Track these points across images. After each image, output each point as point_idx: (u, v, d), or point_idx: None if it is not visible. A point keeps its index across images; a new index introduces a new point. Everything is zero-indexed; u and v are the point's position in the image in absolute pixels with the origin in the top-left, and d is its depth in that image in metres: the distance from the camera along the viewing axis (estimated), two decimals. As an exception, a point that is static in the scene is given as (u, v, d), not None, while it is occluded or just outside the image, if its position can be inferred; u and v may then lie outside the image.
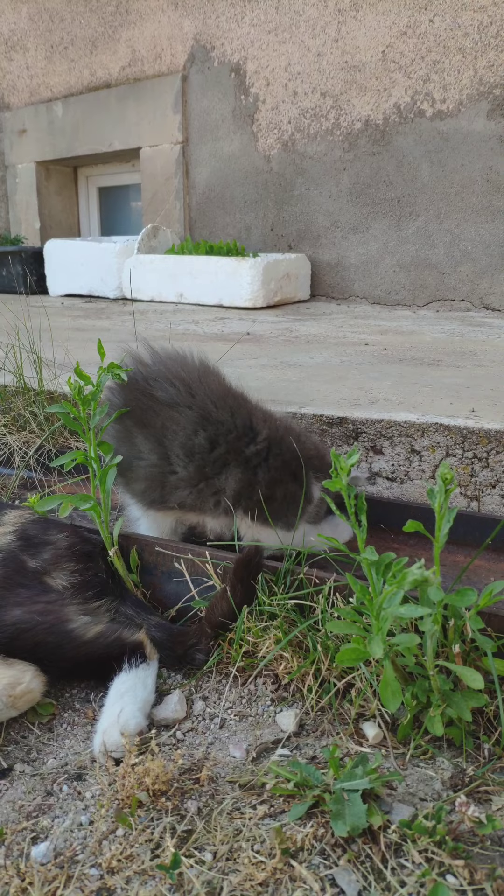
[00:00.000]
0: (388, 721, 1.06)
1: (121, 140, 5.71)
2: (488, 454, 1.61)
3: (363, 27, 4.30)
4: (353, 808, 0.86)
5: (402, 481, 1.71)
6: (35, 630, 1.12)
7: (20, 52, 6.33)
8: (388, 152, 4.37)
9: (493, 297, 4.18)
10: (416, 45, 4.13)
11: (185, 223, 5.45)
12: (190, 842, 0.86)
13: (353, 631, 0.99)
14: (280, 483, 1.35)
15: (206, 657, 1.20)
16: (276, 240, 5.01)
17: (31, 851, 0.85)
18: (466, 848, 0.83)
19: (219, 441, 1.34)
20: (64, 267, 5.20)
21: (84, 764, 1.01)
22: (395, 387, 2.09)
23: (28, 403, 2.03)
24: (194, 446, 1.33)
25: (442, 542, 1.00)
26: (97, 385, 1.35)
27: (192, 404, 1.35)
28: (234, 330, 3.48)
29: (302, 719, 1.09)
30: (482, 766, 0.98)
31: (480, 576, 1.46)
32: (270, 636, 1.18)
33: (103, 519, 1.31)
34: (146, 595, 1.37)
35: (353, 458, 1.06)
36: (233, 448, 1.34)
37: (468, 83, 4.00)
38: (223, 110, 5.06)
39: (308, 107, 4.64)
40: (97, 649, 1.14)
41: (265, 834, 0.86)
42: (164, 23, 5.28)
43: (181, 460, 1.34)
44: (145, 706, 1.08)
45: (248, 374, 2.35)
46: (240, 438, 1.35)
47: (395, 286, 4.54)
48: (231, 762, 1.01)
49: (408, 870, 0.81)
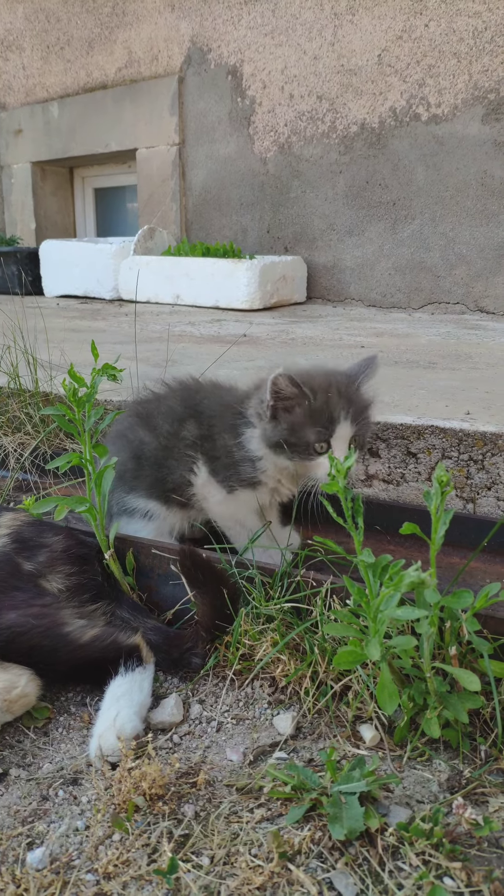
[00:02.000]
0: (385, 723, 1.06)
1: (117, 141, 5.71)
2: (483, 456, 1.62)
3: (359, 31, 4.31)
4: (350, 811, 0.85)
5: (398, 483, 1.71)
6: (30, 634, 1.11)
7: (16, 52, 6.32)
8: (383, 155, 4.38)
9: (487, 299, 4.19)
10: (412, 49, 4.14)
11: (181, 225, 5.45)
12: (187, 846, 0.85)
13: (350, 633, 0.99)
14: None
15: (203, 661, 1.20)
16: (272, 242, 5.02)
17: (26, 857, 0.85)
18: (464, 850, 0.83)
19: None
20: (60, 268, 5.20)
21: (80, 768, 1.01)
22: (391, 389, 2.09)
23: (23, 405, 2.02)
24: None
25: (438, 544, 1.00)
26: (92, 386, 1.34)
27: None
28: (230, 332, 3.48)
29: (299, 722, 1.09)
30: (479, 768, 0.98)
31: (476, 577, 1.46)
32: (267, 639, 1.18)
33: (99, 522, 1.31)
34: (142, 598, 1.36)
35: (350, 461, 1.06)
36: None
37: (463, 87, 4.02)
38: (220, 112, 5.07)
39: (304, 109, 4.65)
40: (93, 653, 1.14)
41: (262, 838, 0.86)
42: (160, 24, 5.29)
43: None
44: (142, 710, 1.08)
45: (246, 376, 2.35)
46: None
47: (390, 289, 4.54)
48: (228, 766, 1.00)
49: (405, 872, 0.81)
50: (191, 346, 2.97)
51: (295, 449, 1.33)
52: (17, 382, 2.08)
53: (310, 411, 1.31)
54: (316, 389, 1.31)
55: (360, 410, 1.34)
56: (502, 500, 1.62)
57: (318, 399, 1.31)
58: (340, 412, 1.31)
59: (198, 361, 2.59)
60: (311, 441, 1.31)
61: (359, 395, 1.36)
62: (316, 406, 1.31)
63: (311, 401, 1.31)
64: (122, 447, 1.50)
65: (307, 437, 1.32)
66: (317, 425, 1.31)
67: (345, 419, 1.31)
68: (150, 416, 1.51)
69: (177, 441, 1.46)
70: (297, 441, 1.33)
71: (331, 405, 1.31)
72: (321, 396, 1.31)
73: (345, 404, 1.31)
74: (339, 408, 1.31)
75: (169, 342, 2.99)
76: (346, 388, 1.34)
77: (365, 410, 1.36)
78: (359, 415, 1.34)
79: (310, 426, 1.31)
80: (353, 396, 1.35)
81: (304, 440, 1.32)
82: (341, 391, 1.33)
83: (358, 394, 1.36)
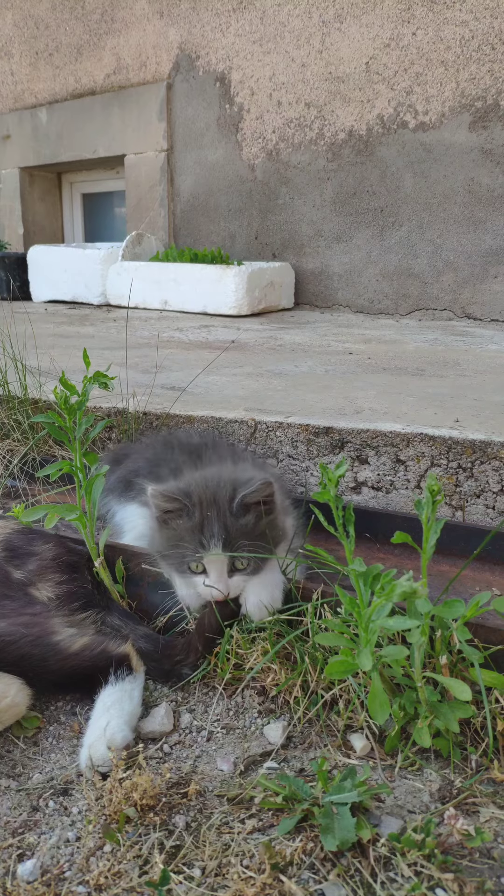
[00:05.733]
0: (376, 732, 1.06)
1: (105, 147, 5.70)
2: (472, 464, 1.63)
3: (347, 39, 4.34)
4: (342, 822, 0.85)
5: (387, 491, 1.72)
6: (20, 643, 1.10)
7: (4, 58, 6.30)
8: (371, 163, 4.41)
9: (474, 306, 4.22)
10: (400, 57, 4.17)
11: (169, 231, 5.45)
12: (178, 857, 0.85)
13: (341, 643, 0.99)
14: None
15: (193, 672, 1.20)
16: (260, 248, 5.03)
17: (17, 869, 0.84)
18: (455, 861, 0.83)
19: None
20: (47, 273, 5.18)
21: (70, 778, 1.00)
22: (380, 396, 2.10)
23: (12, 411, 2.01)
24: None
25: (429, 553, 1.01)
26: (83, 394, 1.34)
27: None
28: (218, 338, 3.48)
29: (289, 732, 1.08)
30: (470, 778, 0.98)
31: (465, 585, 1.47)
32: (258, 648, 1.18)
33: (89, 529, 1.30)
34: (132, 606, 1.36)
35: (342, 469, 1.06)
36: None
37: (450, 95, 4.05)
38: (208, 119, 5.08)
39: (292, 116, 4.67)
40: (83, 662, 1.13)
41: (254, 849, 0.86)
42: (149, 31, 5.29)
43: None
44: (132, 719, 1.07)
45: (234, 382, 2.35)
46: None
47: (378, 295, 4.56)
48: (219, 775, 1.00)
49: (397, 884, 0.81)
50: (179, 353, 2.97)
51: (172, 561, 1.23)
52: (6, 389, 2.06)
53: (186, 527, 1.20)
54: (195, 504, 1.20)
55: (238, 534, 1.19)
56: (491, 507, 1.63)
57: (195, 516, 1.19)
58: (213, 537, 1.17)
59: (186, 367, 2.59)
60: (186, 559, 1.20)
61: (241, 515, 1.21)
62: (192, 523, 1.19)
63: (188, 515, 1.20)
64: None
65: (183, 553, 1.20)
66: (191, 544, 1.19)
67: (216, 545, 1.17)
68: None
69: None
70: (174, 554, 1.22)
71: (204, 526, 1.18)
72: (198, 514, 1.19)
73: (219, 528, 1.18)
74: (213, 532, 1.17)
75: (157, 348, 2.98)
76: (226, 507, 1.20)
77: (251, 533, 1.20)
78: (237, 539, 1.18)
79: (185, 542, 1.19)
80: (233, 518, 1.19)
81: (180, 555, 1.21)
82: (220, 510, 1.19)
83: (239, 514, 1.20)
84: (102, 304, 4.96)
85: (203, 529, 1.18)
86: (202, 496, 1.21)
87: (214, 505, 1.19)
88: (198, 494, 1.21)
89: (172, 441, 1.66)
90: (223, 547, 1.17)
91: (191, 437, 1.71)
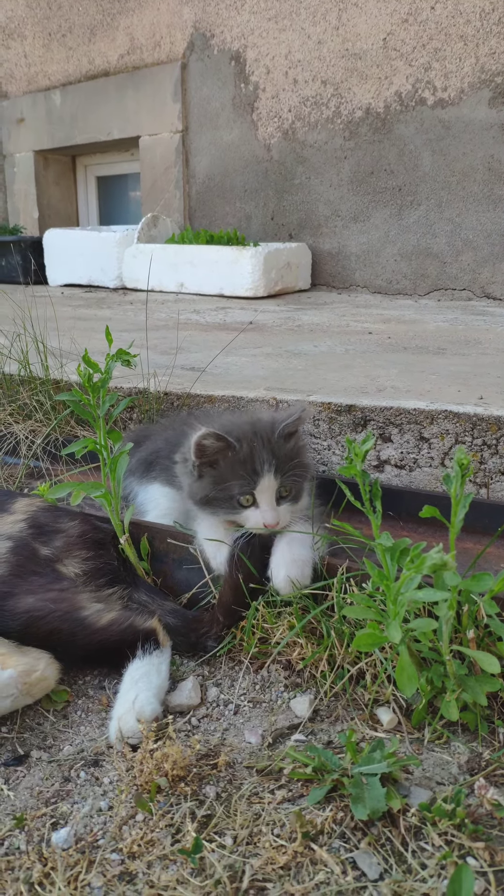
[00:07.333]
0: (403, 706, 1.07)
1: (120, 129, 5.67)
2: (498, 441, 1.61)
3: (364, 14, 4.27)
4: (372, 792, 0.86)
5: (410, 469, 1.71)
6: (48, 618, 1.12)
7: (18, 39, 6.27)
8: (389, 141, 4.35)
9: (494, 285, 4.17)
10: (418, 32, 4.10)
11: (184, 212, 5.42)
12: (210, 826, 0.86)
13: (369, 616, 0.99)
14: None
15: (217, 644, 1.20)
16: (276, 229, 4.99)
17: (51, 837, 0.85)
18: (486, 830, 0.84)
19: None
20: (63, 256, 5.18)
21: (100, 750, 1.01)
22: (402, 375, 2.08)
23: (34, 392, 2.02)
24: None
25: (458, 527, 1.00)
26: (106, 371, 1.34)
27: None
28: (235, 319, 3.47)
29: (316, 705, 1.09)
30: (498, 750, 0.98)
31: (490, 562, 1.46)
32: (284, 622, 1.18)
33: (114, 507, 1.31)
34: (157, 582, 1.37)
35: (369, 444, 1.06)
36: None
37: (470, 71, 3.98)
38: (223, 99, 5.03)
39: (308, 95, 4.61)
40: (110, 636, 1.14)
41: (285, 818, 0.87)
42: (163, 10, 5.24)
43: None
44: (160, 692, 1.08)
45: (254, 362, 2.35)
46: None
47: (396, 275, 4.52)
48: (247, 748, 1.01)
49: (428, 852, 0.81)
50: (197, 334, 2.97)
51: (219, 503, 1.27)
52: (28, 370, 2.07)
53: (233, 463, 1.26)
54: (241, 439, 1.26)
55: (285, 460, 1.27)
56: (515, 484, 1.62)
57: (242, 450, 1.25)
58: (264, 464, 1.24)
59: (205, 349, 2.58)
60: (235, 494, 1.25)
61: (283, 444, 1.29)
62: (240, 457, 1.25)
63: (235, 452, 1.25)
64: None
65: (231, 490, 1.25)
66: (240, 478, 1.24)
67: (268, 471, 1.24)
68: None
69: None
70: (221, 495, 1.26)
71: (254, 456, 1.24)
72: (245, 447, 1.25)
73: (268, 455, 1.25)
74: (263, 459, 1.24)
75: (177, 330, 2.98)
76: (269, 438, 1.27)
77: (292, 459, 1.28)
78: (284, 465, 1.26)
79: (233, 479, 1.25)
80: (277, 446, 1.27)
81: (227, 493, 1.25)
82: (265, 441, 1.26)
83: (281, 443, 1.28)
84: (118, 288, 4.95)
85: (254, 460, 1.25)
86: (247, 432, 1.28)
87: (259, 437, 1.27)
88: (242, 431, 1.28)
89: (191, 421, 1.66)
90: (274, 473, 1.25)
91: (209, 415, 1.71)
